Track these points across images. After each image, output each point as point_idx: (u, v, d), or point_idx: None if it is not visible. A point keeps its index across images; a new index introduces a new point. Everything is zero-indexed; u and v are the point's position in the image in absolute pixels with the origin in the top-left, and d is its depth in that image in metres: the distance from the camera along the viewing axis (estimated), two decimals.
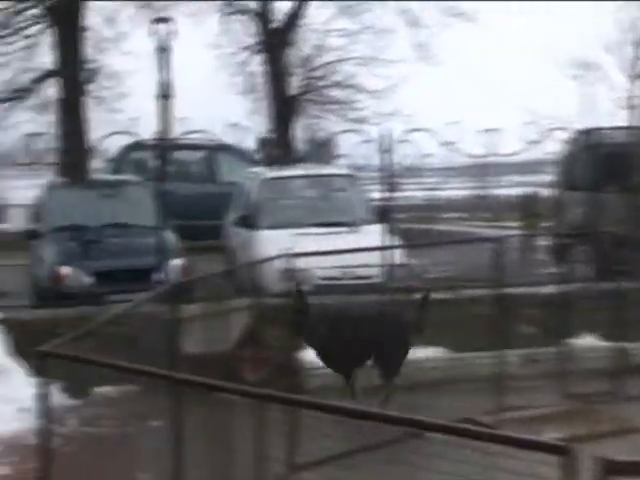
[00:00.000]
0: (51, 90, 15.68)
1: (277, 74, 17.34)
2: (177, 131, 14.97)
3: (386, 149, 10.74)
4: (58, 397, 6.78)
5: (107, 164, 16.58)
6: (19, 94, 16.24)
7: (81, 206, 10.96)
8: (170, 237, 10.49)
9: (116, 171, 15.28)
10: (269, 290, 8.10)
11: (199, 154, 16.61)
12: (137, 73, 15.53)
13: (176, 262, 9.97)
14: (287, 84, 17.50)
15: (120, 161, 15.94)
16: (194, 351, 6.72)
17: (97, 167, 16.14)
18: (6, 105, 16.28)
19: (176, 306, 6.58)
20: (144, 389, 7.21)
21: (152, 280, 9.61)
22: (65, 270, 9.74)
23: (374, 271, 9.17)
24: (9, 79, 16.20)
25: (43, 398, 4.55)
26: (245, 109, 17.94)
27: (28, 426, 6.85)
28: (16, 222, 16.75)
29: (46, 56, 15.66)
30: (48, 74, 15.62)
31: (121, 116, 16.53)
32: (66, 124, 15.08)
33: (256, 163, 15.40)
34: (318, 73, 17.93)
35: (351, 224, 10.49)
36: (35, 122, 16.72)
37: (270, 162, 15.60)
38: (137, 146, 15.99)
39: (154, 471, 5.66)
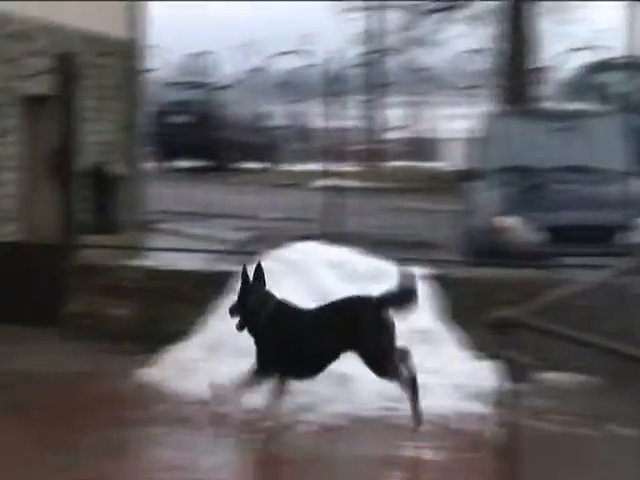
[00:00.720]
0: None
1: None
2: None
3: None
4: (500, 377, 6.73)
5: (561, 89, 16.35)
6: (453, 3, 16.54)
7: (529, 142, 10.84)
8: None
9: (574, 98, 14.98)
10: None
11: None
12: None
13: None
14: None
15: (579, 85, 15.60)
16: None
17: (548, 93, 16.00)
18: (438, 17, 16.67)
19: None
20: (609, 383, 6.94)
21: (616, 242, 9.29)
22: (509, 221, 9.70)
23: None
24: None
25: (498, 376, 4.47)
26: None
27: (462, 407, 6.94)
28: (450, 160, 17.20)
29: None
30: None
31: (580, 28, 16.15)
32: (509, 38, 15.09)
33: None
34: None
35: None
36: (471, 37, 16.95)
37: None
38: (602, 66, 15.53)
39: None
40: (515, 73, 14.85)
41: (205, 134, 20.06)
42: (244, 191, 9.70)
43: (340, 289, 7.79)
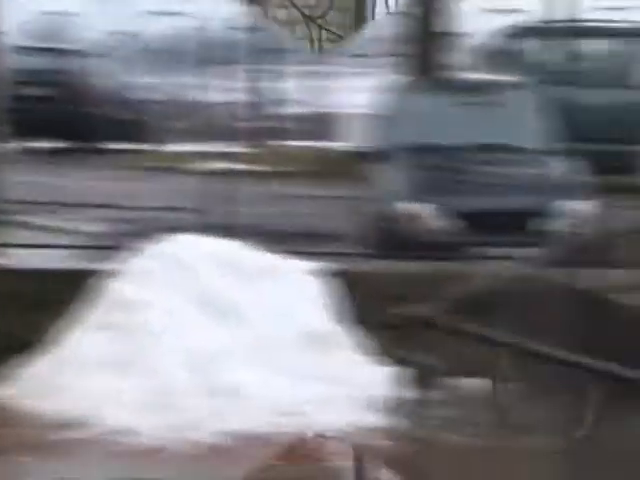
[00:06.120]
0: None
1: None
2: (583, 9, 14.53)
3: None
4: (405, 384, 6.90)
5: (474, 57, 16.58)
6: None
7: (438, 118, 11.07)
8: (565, 167, 10.35)
9: (487, 67, 15.21)
10: None
11: (615, 44, 16.00)
12: None
13: (574, 205, 9.79)
14: None
15: (494, 53, 15.85)
16: None
17: (459, 61, 16.21)
18: None
19: (583, 272, 6.47)
20: (530, 389, 7.15)
21: (530, 228, 9.57)
22: (416, 208, 9.90)
23: None
24: None
25: (403, 384, 4.63)
26: None
27: (365, 419, 7.09)
28: (347, 138, 17.37)
29: None
30: None
31: None
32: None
33: None
34: None
35: None
36: None
37: None
38: (520, 32, 15.81)
39: None
40: (424, 37, 15.03)
41: (66, 109, 19.83)
42: (112, 176, 9.67)
43: (226, 288, 7.89)
